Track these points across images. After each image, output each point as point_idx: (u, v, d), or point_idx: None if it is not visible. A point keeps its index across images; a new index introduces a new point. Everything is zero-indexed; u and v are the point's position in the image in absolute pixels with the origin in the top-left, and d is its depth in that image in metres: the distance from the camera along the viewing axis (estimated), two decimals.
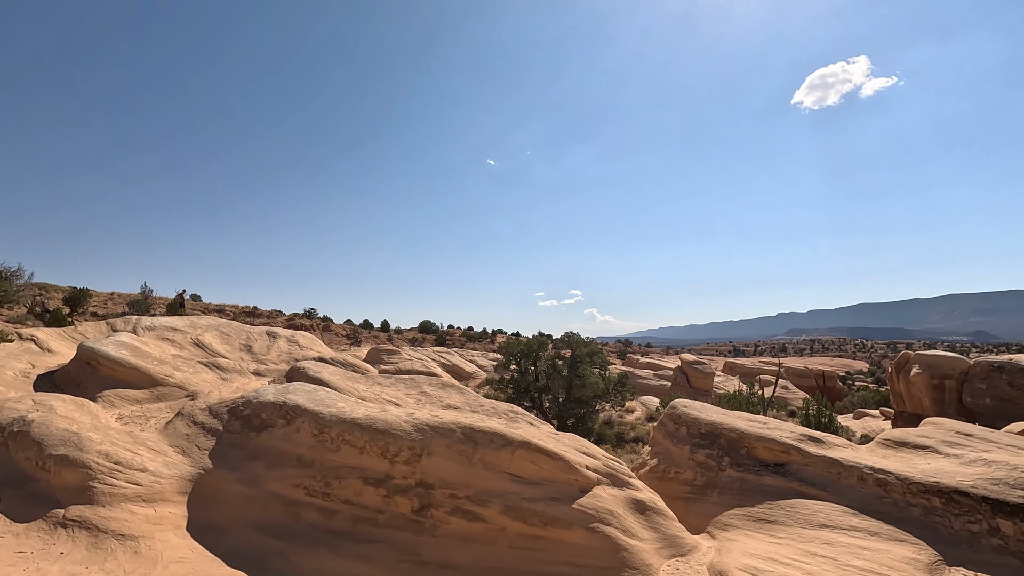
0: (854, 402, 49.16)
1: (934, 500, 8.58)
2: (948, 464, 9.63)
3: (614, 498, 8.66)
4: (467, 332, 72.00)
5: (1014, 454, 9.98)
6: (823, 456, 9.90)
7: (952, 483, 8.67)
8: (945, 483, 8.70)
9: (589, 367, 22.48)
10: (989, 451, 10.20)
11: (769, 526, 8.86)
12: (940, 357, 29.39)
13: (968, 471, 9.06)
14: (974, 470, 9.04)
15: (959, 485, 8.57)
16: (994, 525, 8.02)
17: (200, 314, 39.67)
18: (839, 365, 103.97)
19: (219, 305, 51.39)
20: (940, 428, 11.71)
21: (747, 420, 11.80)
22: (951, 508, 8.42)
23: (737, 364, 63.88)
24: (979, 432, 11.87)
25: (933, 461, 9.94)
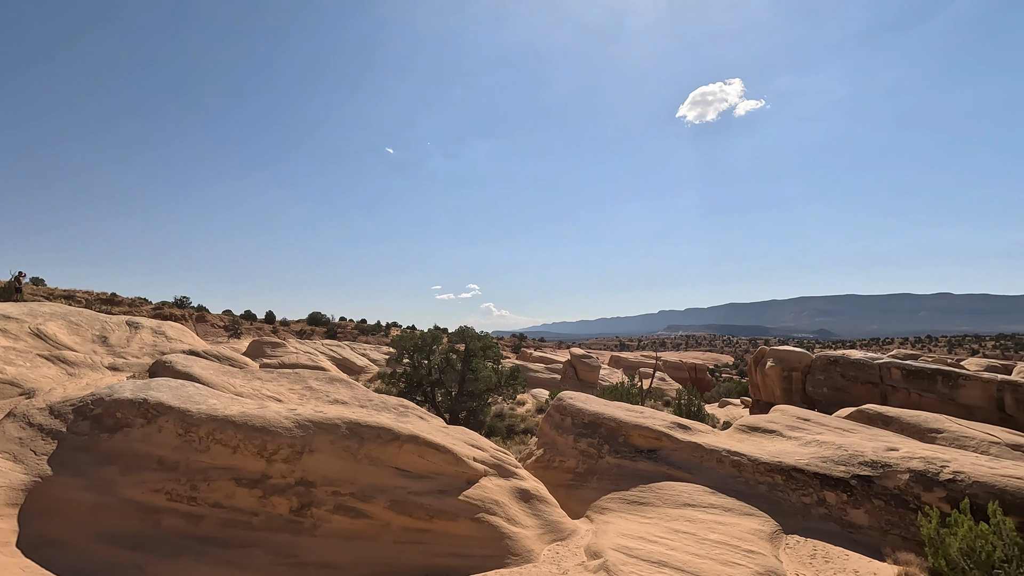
0: (720, 392, 54.40)
1: (777, 478, 9.77)
2: (789, 446, 11.02)
3: (500, 488, 8.88)
4: (360, 325, 69.66)
5: (840, 435, 11.65)
6: (689, 442, 10.88)
7: (791, 462, 9.93)
8: (786, 462, 9.95)
9: (483, 361, 22.74)
10: (822, 433, 11.81)
11: (641, 507, 9.58)
12: (789, 352, 33.40)
13: (804, 451, 10.42)
14: (809, 450, 10.42)
15: (796, 463, 9.85)
16: (822, 497, 9.32)
17: (43, 300, 34.59)
18: (709, 359, 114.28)
19: (68, 291, 45.11)
20: (785, 414, 13.34)
21: (626, 410, 12.64)
22: (790, 484, 9.65)
23: (622, 358, 67.98)
24: (815, 417, 13.69)
25: (778, 443, 11.32)
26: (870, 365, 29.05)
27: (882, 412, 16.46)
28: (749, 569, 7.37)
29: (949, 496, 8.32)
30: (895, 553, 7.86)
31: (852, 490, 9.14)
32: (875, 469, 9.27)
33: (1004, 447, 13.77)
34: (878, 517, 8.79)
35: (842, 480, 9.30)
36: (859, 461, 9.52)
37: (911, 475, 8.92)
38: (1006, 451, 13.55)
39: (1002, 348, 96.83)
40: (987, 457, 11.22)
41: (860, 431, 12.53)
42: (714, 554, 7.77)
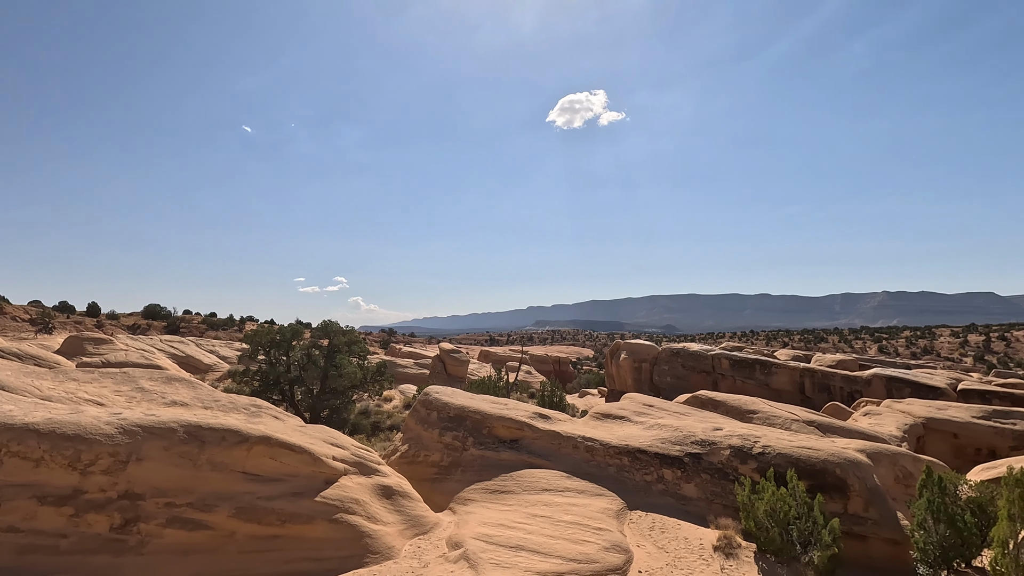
0: (580, 383, 58.00)
1: (624, 460, 10.68)
2: (636, 430, 12.10)
3: (361, 486, 8.63)
4: (208, 319, 63.04)
5: (678, 419, 13.03)
6: (549, 430, 11.46)
7: (637, 444, 10.91)
8: (632, 445, 10.91)
9: (347, 357, 21.84)
10: (663, 418, 13.12)
11: (502, 496, 9.89)
12: (640, 345, 36.61)
13: (648, 434, 11.51)
14: (652, 433, 11.53)
15: (641, 445, 10.84)
16: (661, 474, 10.37)
17: None
18: (572, 352, 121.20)
19: None
20: (633, 401, 14.61)
21: (491, 403, 12.95)
22: (635, 464, 10.60)
23: (491, 352, 69.46)
24: (658, 403, 15.15)
25: (627, 428, 12.36)
26: (705, 356, 32.86)
27: (712, 397, 18.70)
28: (597, 544, 7.98)
29: (759, 467, 9.72)
30: (717, 519, 9.00)
31: (685, 467, 10.29)
32: (704, 447, 10.53)
33: (802, 423, 16.40)
34: (705, 489, 10.00)
35: (677, 458, 10.43)
36: (691, 441, 10.75)
37: (731, 451, 10.27)
38: (803, 427, 16.15)
39: (806, 341, 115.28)
40: (789, 432, 13.28)
41: (694, 414, 14.14)
42: (567, 534, 8.29)
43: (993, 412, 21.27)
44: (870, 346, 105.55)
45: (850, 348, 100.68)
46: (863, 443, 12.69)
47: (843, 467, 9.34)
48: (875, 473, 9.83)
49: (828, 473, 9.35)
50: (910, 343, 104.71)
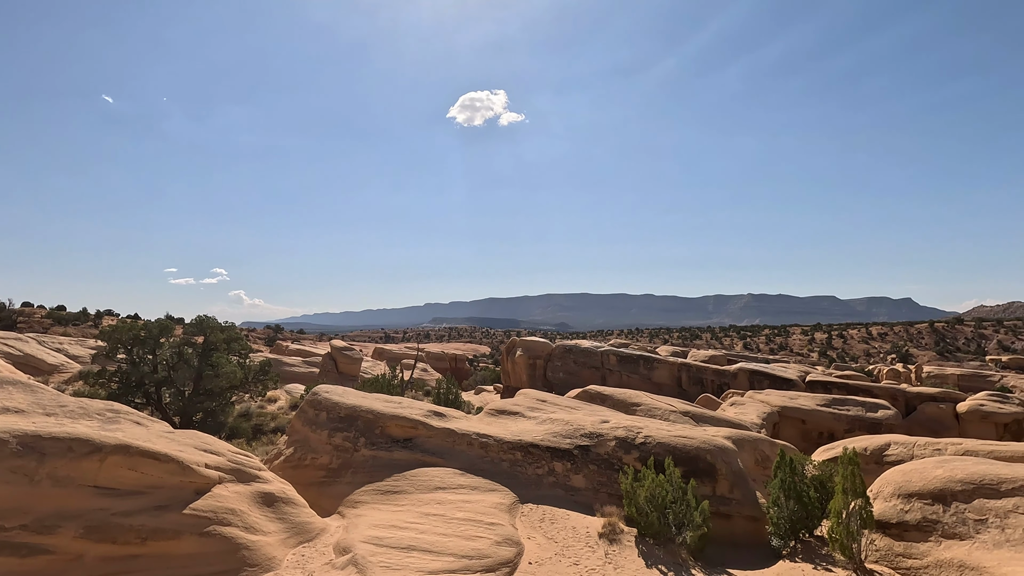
0: (477, 380, 58.38)
1: (517, 454, 10.89)
2: (529, 425, 12.39)
3: (238, 495, 8.00)
4: (55, 313, 55.16)
5: (569, 413, 13.53)
6: (443, 428, 11.38)
7: (529, 439, 11.18)
8: (525, 440, 11.16)
9: (225, 355, 20.14)
10: (555, 412, 13.55)
11: (395, 496, 9.66)
12: (535, 342, 37.60)
13: (540, 429, 11.83)
14: (544, 427, 11.87)
15: (533, 440, 11.12)
16: (551, 467, 10.71)
17: None
18: (469, 349, 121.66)
19: None
20: (527, 397, 14.95)
21: (384, 401, 12.60)
22: (528, 459, 10.85)
23: (386, 350, 67.72)
24: (551, 398, 15.63)
25: (520, 424, 12.61)
26: (594, 352, 34.48)
27: (600, 391, 19.65)
28: (489, 540, 8.05)
29: (641, 456, 10.37)
30: (603, 507, 9.47)
31: (574, 459, 10.72)
32: (592, 439, 11.04)
33: (679, 414, 17.74)
34: (592, 479, 10.48)
35: (567, 451, 10.84)
36: (581, 434, 11.21)
37: (616, 442, 10.86)
38: (680, 417, 17.47)
39: (684, 338, 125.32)
40: (668, 423, 14.31)
41: (584, 408, 14.77)
42: (460, 531, 8.28)
43: (832, 400, 24.47)
44: (737, 343, 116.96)
45: (720, 345, 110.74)
46: (730, 431, 14.01)
47: (713, 453, 10.24)
48: (739, 457, 10.88)
49: (700, 459, 10.21)
50: (769, 340, 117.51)
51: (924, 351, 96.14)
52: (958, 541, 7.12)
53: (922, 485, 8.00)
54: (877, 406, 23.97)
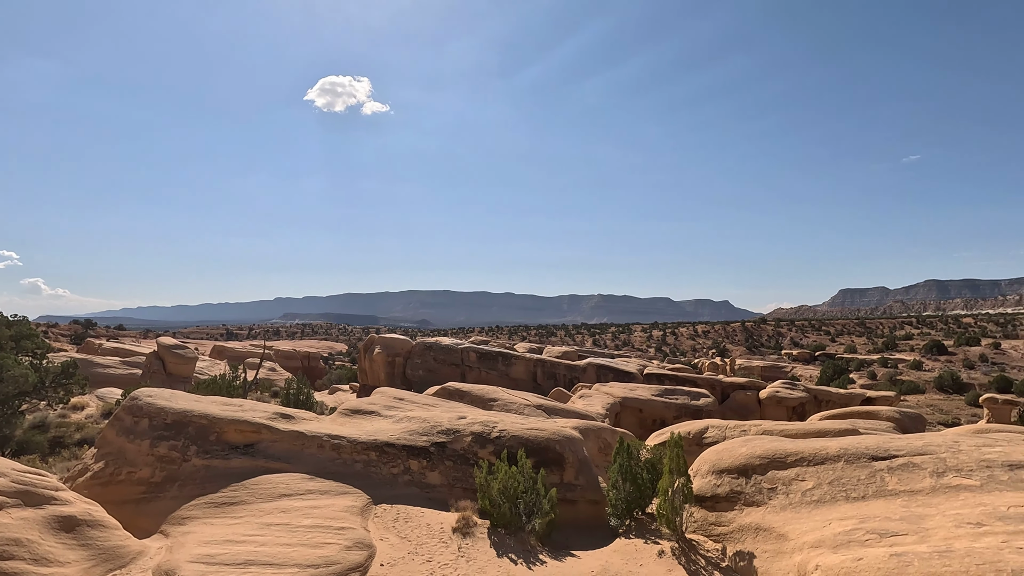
0: (332, 379, 55.54)
1: (372, 454, 10.57)
2: (386, 424, 12.10)
3: (25, 522, 6.71)
4: None
5: (427, 410, 13.47)
6: (291, 431, 10.65)
7: (385, 438, 10.91)
8: (381, 439, 10.87)
9: (13, 355, 16.77)
10: (412, 410, 13.40)
11: (232, 508, 8.82)
12: (394, 339, 36.82)
13: (397, 427, 11.62)
14: (401, 426, 11.67)
15: (389, 439, 10.88)
16: (407, 466, 10.58)
17: None
18: (324, 347, 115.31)
19: None
20: (384, 395, 14.59)
21: (222, 404, 11.45)
22: (383, 458, 10.59)
23: (227, 348, 61.53)
24: (409, 396, 15.42)
25: (376, 423, 12.26)
26: (455, 349, 34.73)
27: (459, 387, 19.84)
28: (339, 545, 7.71)
29: (495, 450, 10.67)
30: (457, 502, 9.58)
31: (431, 456, 10.70)
32: (449, 436, 11.10)
33: (533, 408, 18.56)
34: (448, 475, 10.55)
35: (424, 448, 10.78)
36: (438, 430, 11.22)
37: (473, 437, 11.05)
38: (534, 411, 18.28)
39: (540, 335, 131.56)
40: (522, 417, 14.90)
41: (442, 405, 14.80)
42: (306, 539, 7.82)
43: (665, 391, 27.37)
44: (588, 339, 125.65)
45: (573, 341, 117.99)
46: (578, 421, 15.00)
47: (561, 443, 10.89)
48: (585, 446, 11.70)
49: (550, 450, 10.79)
50: (615, 337, 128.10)
51: (737, 346, 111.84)
52: (755, 507, 8.40)
53: (731, 462, 9.29)
54: (699, 395, 27.32)
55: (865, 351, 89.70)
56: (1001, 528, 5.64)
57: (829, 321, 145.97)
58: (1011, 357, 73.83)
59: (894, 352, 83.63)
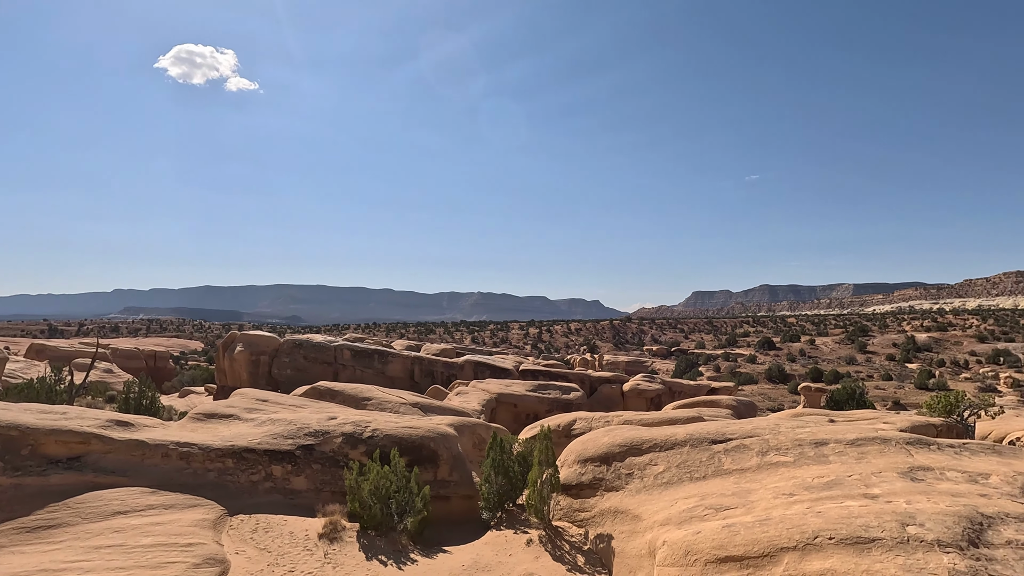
0: (184, 381, 50.05)
1: (228, 462, 9.73)
2: (246, 428, 11.19)
3: None
4: None
5: (294, 412, 12.69)
6: (129, 440, 9.45)
7: (244, 443, 10.11)
8: (239, 445, 10.05)
9: None
10: (277, 412, 12.54)
11: (49, 532, 7.63)
12: (259, 336, 34.16)
13: (258, 431, 10.81)
14: (263, 429, 10.88)
15: (249, 444, 10.09)
16: (269, 472, 9.89)
17: None
18: (175, 345, 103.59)
19: None
20: (245, 397, 13.49)
21: (40, 412, 9.83)
22: (241, 465, 9.79)
23: (49, 346, 52.76)
24: (274, 397, 14.43)
25: (235, 427, 11.30)
26: (327, 347, 33.11)
27: (331, 387, 18.97)
28: (185, 563, 7.01)
29: (368, 450, 10.37)
30: (324, 507, 9.16)
31: (296, 460, 10.10)
32: (317, 438, 10.57)
33: (409, 406, 18.30)
34: (315, 479, 10.05)
35: (289, 452, 10.15)
36: (305, 432, 10.63)
37: (344, 438, 10.63)
38: (410, 409, 18.04)
39: (419, 332, 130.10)
40: (397, 415, 14.64)
41: (311, 406, 14.04)
42: (146, 560, 7.00)
43: (539, 386, 28.45)
44: (466, 337, 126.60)
45: (452, 339, 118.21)
46: (453, 418, 15.08)
47: (436, 440, 10.87)
48: (459, 442, 11.79)
49: (424, 447, 10.72)
50: (493, 334, 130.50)
51: (606, 343, 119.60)
52: (615, 492, 9.07)
53: (594, 451, 9.93)
54: (570, 389, 28.80)
55: (712, 347, 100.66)
56: (807, 496, 6.67)
57: (684, 320, 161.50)
58: (822, 351, 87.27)
59: (735, 347, 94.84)
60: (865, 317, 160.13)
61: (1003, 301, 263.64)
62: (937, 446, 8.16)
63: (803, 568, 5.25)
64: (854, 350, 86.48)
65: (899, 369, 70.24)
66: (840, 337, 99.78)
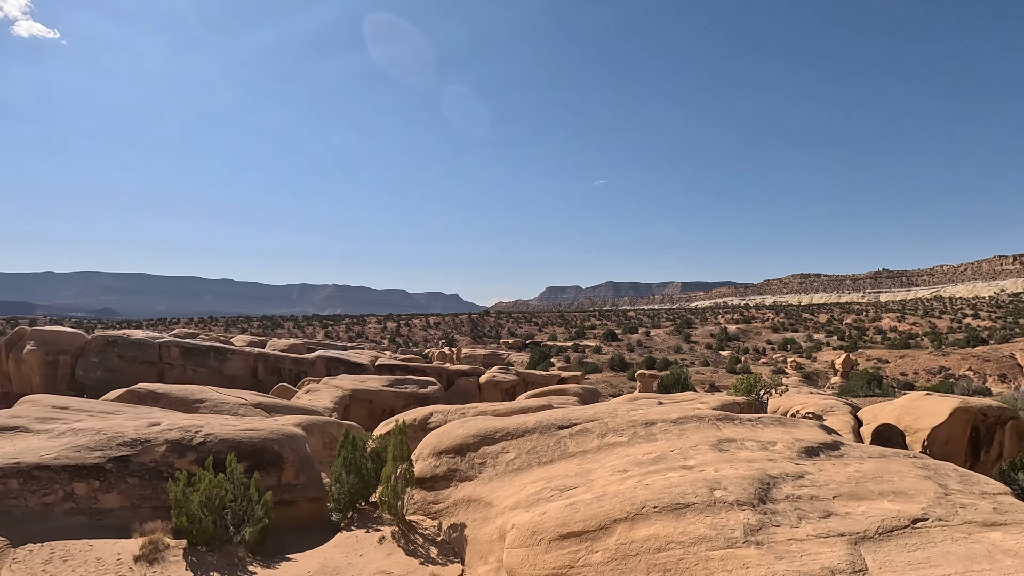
0: None
1: (12, 483, 8.12)
2: (37, 441, 9.41)
3: None
4: None
5: (104, 419, 10.97)
6: None
7: (35, 460, 8.50)
8: (28, 461, 8.43)
9: None
10: (82, 420, 10.74)
11: None
12: (58, 333, 28.92)
13: (55, 444, 9.15)
14: (61, 441, 9.24)
15: (42, 460, 8.51)
16: (70, 490, 8.44)
17: None
18: None
19: None
20: (37, 405, 11.35)
21: None
22: (29, 486, 8.22)
23: None
24: (76, 404, 12.34)
25: (22, 441, 9.44)
26: (151, 345, 29.11)
27: (153, 389, 16.75)
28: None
29: (199, 458, 9.33)
30: (142, 525, 8.05)
31: (107, 474, 8.75)
32: (134, 447, 9.26)
33: (250, 407, 16.84)
34: (131, 495, 8.79)
35: (96, 466, 8.76)
36: (118, 443, 9.25)
37: (168, 445, 9.45)
38: (251, 410, 16.61)
39: (264, 327, 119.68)
40: (236, 417, 13.39)
41: (127, 411, 12.26)
42: None
43: (395, 381, 27.95)
44: (319, 331, 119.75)
45: (303, 333, 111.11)
46: (302, 417, 14.20)
47: (280, 442, 10.15)
48: (308, 443, 11.14)
49: (267, 450, 9.95)
50: (349, 328, 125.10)
51: (464, 336, 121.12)
52: (468, 482, 9.26)
53: (449, 443, 10.03)
54: (428, 383, 28.71)
55: (563, 339, 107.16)
56: (637, 472, 7.43)
57: (538, 314, 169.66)
58: (656, 342, 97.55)
59: (583, 339, 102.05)
60: (690, 311, 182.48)
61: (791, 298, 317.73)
62: (739, 421, 9.59)
63: (632, 536, 5.84)
64: (681, 340, 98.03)
65: (715, 356, 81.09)
66: (670, 329, 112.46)
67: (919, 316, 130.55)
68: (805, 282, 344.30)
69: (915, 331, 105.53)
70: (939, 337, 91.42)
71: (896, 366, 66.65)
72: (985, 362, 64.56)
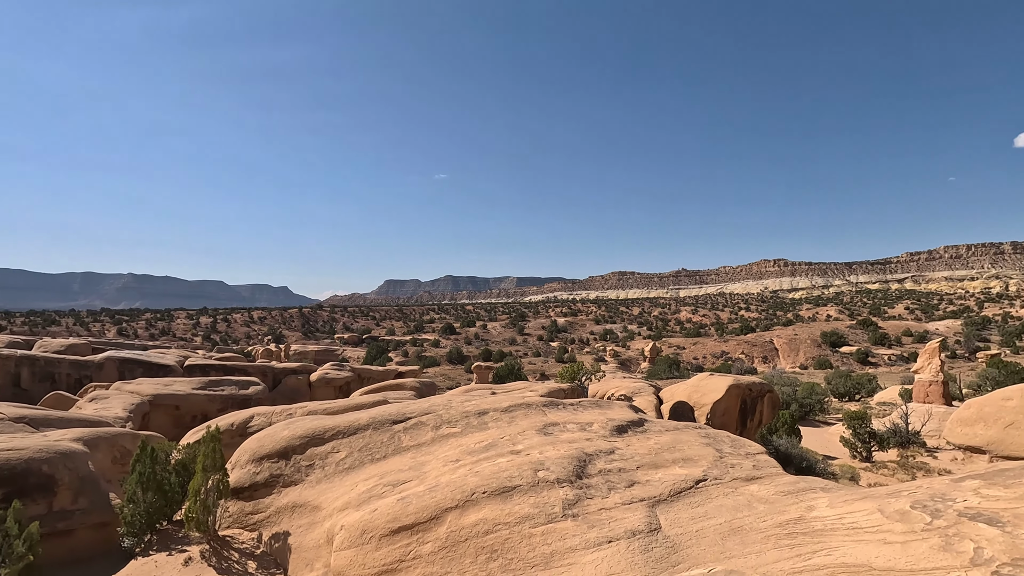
0: None
1: None
2: None
3: None
4: None
5: None
6: None
7: None
8: None
9: None
10: None
11: None
12: None
13: None
14: None
15: None
16: None
17: None
18: None
19: None
20: None
21: None
22: None
23: None
24: None
25: None
26: None
27: None
28: None
29: None
30: None
31: None
32: None
33: (9, 422, 13.74)
34: None
35: None
36: None
37: None
38: (10, 426, 13.56)
39: (32, 324, 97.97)
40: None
41: None
42: None
43: (209, 382, 25.01)
44: (110, 328, 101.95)
45: (87, 331, 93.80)
46: (83, 431, 11.99)
47: (51, 462, 8.47)
48: (91, 460, 9.46)
49: (32, 473, 8.23)
50: (150, 325, 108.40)
51: (294, 332, 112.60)
52: (294, 487, 8.67)
53: (272, 447, 9.28)
54: (249, 383, 26.19)
55: (402, 333, 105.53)
56: (469, 460, 7.65)
57: (376, 307, 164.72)
58: (492, 334, 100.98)
59: (422, 333, 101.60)
60: (524, 305, 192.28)
61: (611, 293, 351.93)
62: (563, 406, 10.40)
63: (462, 522, 6.02)
64: (515, 332, 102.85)
65: (545, 347, 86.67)
66: (506, 322, 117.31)
67: (708, 309, 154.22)
68: (623, 279, 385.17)
69: (705, 322, 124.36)
70: (722, 327, 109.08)
71: (691, 352, 77.93)
72: (753, 347, 78.74)
